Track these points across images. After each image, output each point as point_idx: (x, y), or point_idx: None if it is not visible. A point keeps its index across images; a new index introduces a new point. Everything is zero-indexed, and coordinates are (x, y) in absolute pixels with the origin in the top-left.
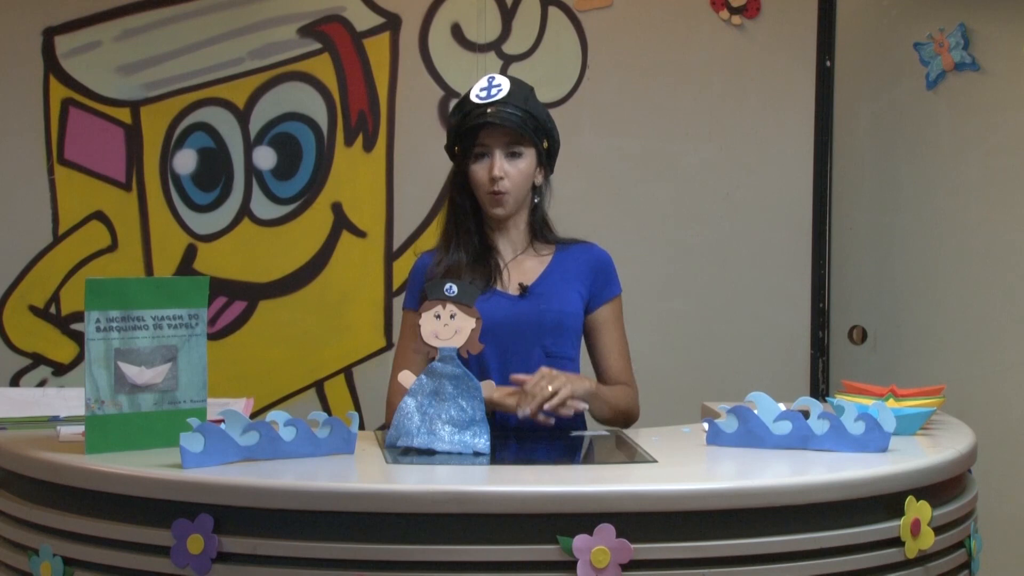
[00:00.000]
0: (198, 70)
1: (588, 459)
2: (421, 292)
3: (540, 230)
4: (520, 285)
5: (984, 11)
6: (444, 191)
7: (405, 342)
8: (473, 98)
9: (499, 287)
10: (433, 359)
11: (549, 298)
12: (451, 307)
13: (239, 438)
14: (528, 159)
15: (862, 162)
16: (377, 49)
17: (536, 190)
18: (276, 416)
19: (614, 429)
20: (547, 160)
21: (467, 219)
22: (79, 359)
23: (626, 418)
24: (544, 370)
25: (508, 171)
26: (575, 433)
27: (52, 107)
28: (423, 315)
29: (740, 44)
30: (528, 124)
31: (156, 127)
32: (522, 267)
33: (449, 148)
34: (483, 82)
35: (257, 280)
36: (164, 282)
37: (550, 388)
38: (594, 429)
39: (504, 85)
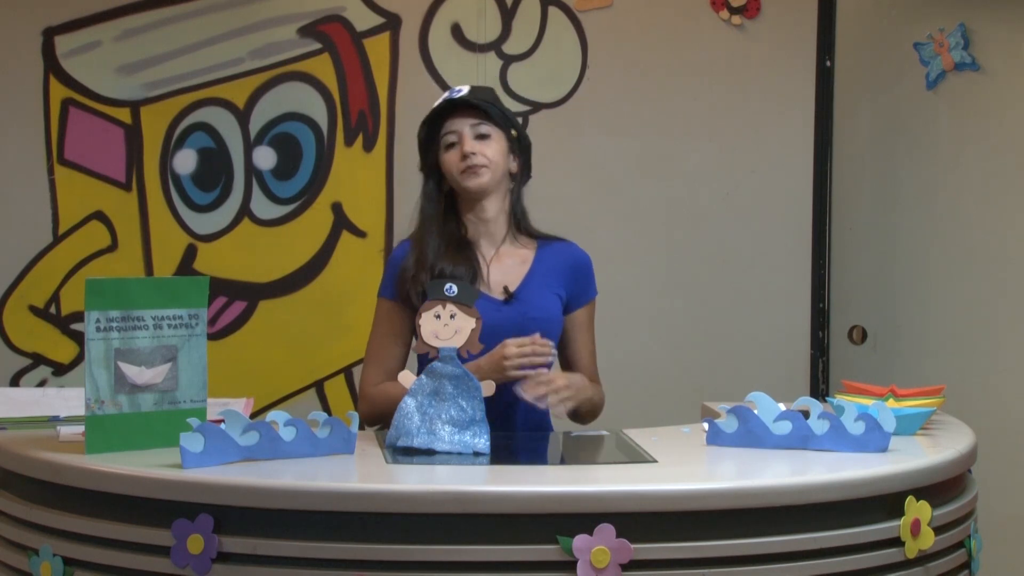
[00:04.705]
0: (198, 70)
1: (588, 459)
2: (396, 280)
3: (520, 222)
4: (505, 289)
5: (984, 11)
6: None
7: (380, 331)
8: (436, 106)
9: (482, 288)
10: (433, 358)
11: (533, 305)
12: (451, 307)
13: (239, 438)
14: (497, 140)
15: (862, 162)
16: (377, 49)
17: (513, 178)
18: (276, 416)
19: (614, 429)
20: (519, 152)
21: (436, 235)
22: (79, 359)
23: (594, 414)
24: (564, 377)
25: (479, 148)
26: (575, 433)
27: (52, 107)
28: (423, 315)
29: (740, 44)
30: (492, 109)
31: (156, 127)
32: (503, 264)
33: (422, 161)
34: (444, 94)
35: (257, 280)
36: (164, 282)
37: (558, 397)
38: (595, 429)
39: (464, 88)
